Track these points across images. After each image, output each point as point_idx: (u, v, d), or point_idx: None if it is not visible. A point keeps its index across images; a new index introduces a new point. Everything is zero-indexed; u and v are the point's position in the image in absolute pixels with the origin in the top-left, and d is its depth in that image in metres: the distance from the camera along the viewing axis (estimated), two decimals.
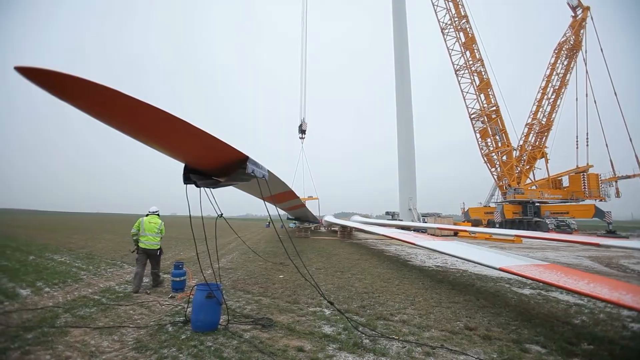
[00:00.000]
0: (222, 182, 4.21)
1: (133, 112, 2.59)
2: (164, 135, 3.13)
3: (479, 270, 9.16)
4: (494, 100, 34.41)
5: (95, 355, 3.46)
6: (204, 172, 4.10)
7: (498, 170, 35.67)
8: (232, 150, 3.56)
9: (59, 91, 2.21)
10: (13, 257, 10.24)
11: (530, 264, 5.57)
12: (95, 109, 2.59)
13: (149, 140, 3.31)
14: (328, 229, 29.80)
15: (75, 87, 2.17)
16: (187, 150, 3.63)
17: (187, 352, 3.58)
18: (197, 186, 4.15)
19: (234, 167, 3.93)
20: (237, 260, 10.59)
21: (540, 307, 5.57)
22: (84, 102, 2.45)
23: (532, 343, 3.96)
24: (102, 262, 9.68)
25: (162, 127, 2.92)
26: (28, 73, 1.88)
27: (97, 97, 2.36)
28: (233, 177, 4.04)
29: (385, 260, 11.45)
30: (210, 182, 4.17)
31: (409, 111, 35.31)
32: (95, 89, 2.21)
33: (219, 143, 3.25)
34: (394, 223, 26.98)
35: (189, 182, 4.03)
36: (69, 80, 2.06)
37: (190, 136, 3.06)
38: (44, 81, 2.03)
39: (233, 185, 4.67)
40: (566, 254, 14.11)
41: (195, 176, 3.99)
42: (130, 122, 2.83)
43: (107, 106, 2.53)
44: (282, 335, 4.11)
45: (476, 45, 34.23)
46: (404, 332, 4.29)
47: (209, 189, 4.41)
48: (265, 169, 4.35)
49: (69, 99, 2.34)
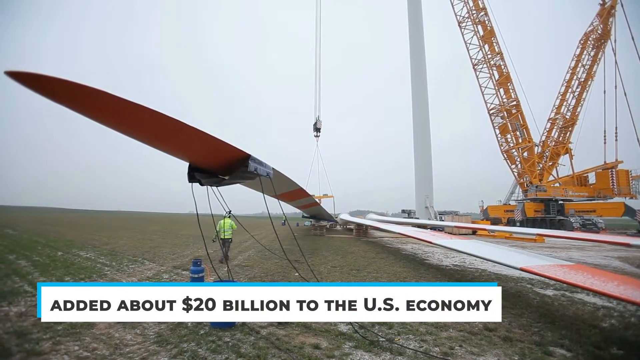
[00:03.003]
0: (226, 180, 4.26)
1: (133, 115, 2.62)
2: (166, 137, 3.18)
3: (499, 269, 8.91)
4: (514, 94, 33.17)
5: (120, 348, 3.60)
6: (208, 170, 4.15)
7: (519, 167, 34.46)
8: (234, 150, 3.59)
9: (55, 96, 2.20)
10: (43, 252, 10.78)
11: (553, 264, 5.36)
12: (97, 114, 2.61)
13: (152, 142, 3.37)
14: (343, 227, 29.76)
15: (75, 93, 2.17)
16: (190, 151, 3.68)
17: (205, 347, 3.66)
18: (201, 184, 4.21)
19: (236, 165, 3.97)
20: (253, 257, 10.73)
21: (564, 309, 5.36)
22: (86, 108, 2.47)
23: (556, 346, 3.82)
24: (124, 259, 10.03)
25: (164, 129, 2.94)
26: (19, 77, 1.89)
27: (100, 104, 2.36)
28: (236, 175, 4.09)
29: (401, 258, 11.32)
30: (214, 180, 4.23)
31: (425, 111, 34.72)
32: (99, 96, 2.21)
33: (220, 143, 3.29)
34: (410, 221, 26.64)
35: (193, 181, 4.10)
36: (65, 86, 2.06)
37: (192, 137, 3.10)
38: (38, 86, 2.04)
39: (240, 183, 4.71)
40: (593, 254, 13.50)
41: (199, 175, 4.05)
42: (130, 124, 2.87)
43: (109, 112, 2.55)
44: (298, 332, 4.14)
45: (495, 38, 33.08)
46: (421, 331, 4.23)
47: (216, 188, 4.46)
48: (270, 167, 4.37)
49: (69, 104, 2.34)
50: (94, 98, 2.28)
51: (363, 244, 16.10)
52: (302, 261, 8.27)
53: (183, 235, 20.29)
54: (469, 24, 33.54)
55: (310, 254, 11.91)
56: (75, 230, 22.88)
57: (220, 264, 8.78)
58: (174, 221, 44.84)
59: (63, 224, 29.92)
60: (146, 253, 11.44)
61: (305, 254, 11.63)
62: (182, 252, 11.92)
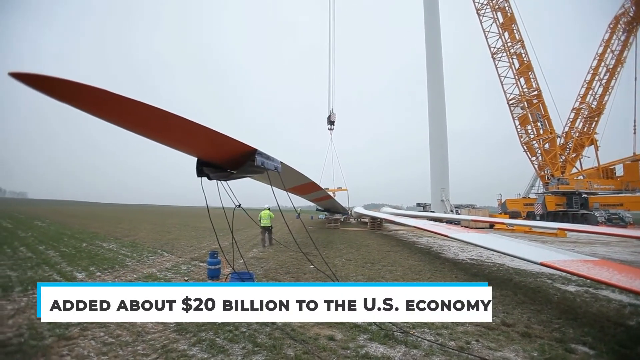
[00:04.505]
0: (234, 175, 4.31)
1: (142, 115, 2.66)
2: (173, 134, 3.24)
3: (517, 264, 8.69)
4: (536, 83, 31.81)
5: (142, 335, 3.75)
6: (216, 165, 4.21)
7: (539, 159, 33.23)
8: (240, 145, 3.63)
9: (62, 96, 2.23)
10: (69, 243, 11.30)
11: (576, 259, 5.17)
12: (102, 113, 2.66)
13: (161, 139, 3.44)
14: (358, 220, 29.70)
15: (82, 94, 2.19)
16: (196, 147, 3.75)
17: (223, 336, 3.77)
18: (209, 179, 4.29)
19: (244, 160, 4.01)
20: (268, 250, 10.88)
21: (587, 306, 5.18)
22: (92, 107, 2.52)
23: (578, 343, 3.70)
24: (144, 250, 10.38)
25: (171, 127, 2.99)
26: (23, 78, 1.90)
27: (112, 106, 2.40)
28: (243, 169, 4.14)
29: (416, 252, 11.22)
30: (222, 174, 4.29)
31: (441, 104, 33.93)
32: (109, 97, 2.24)
33: (226, 139, 3.33)
34: (425, 215, 26.29)
35: (202, 175, 4.18)
36: (70, 86, 2.07)
37: (198, 134, 3.15)
38: (42, 87, 2.05)
39: (250, 177, 4.76)
40: (619, 249, 12.94)
41: (208, 169, 4.12)
42: (138, 123, 2.94)
43: (116, 111, 2.60)
44: (312, 324, 4.19)
45: (516, 25, 31.70)
46: (437, 325, 4.19)
47: (225, 182, 4.53)
48: (278, 162, 4.39)
49: (76, 104, 2.38)
50: (104, 99, 2.32)
51: (377, 237, 16.03)
52: (316, 254, 8.31)
53: (199, 228, 20.79)
54: (487, 12, 32.29)
55: (325, 247, 11.96)
56: (99, 222, 23.83)
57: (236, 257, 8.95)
58: (192, 214, 45.98)
59: (87, 217, 31.21)
60: (165, 245, 11.80)
61: (320, 247, 11.70)
62: (199, 245, 12.22)
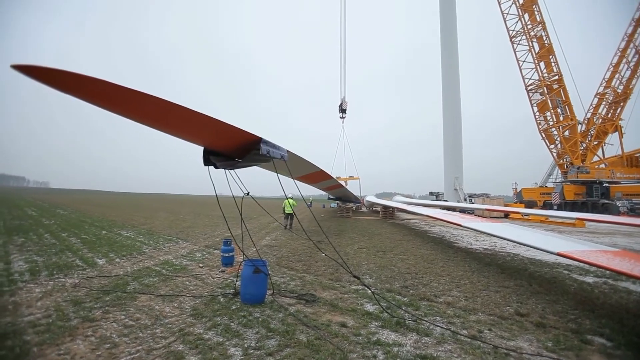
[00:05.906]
0: (240, 163, 4.35)
1: (143, 105, 2.68)
2: (180, 124, 3.28)
3: (533, 254, 8.54)
4: (557, 68, 30.44)
5: (160, 319, 3.90)
6: (222, 154, 4.26)
7: (558, 147, 32.08)
8: (245, 134, 3.65)
9: (66, 88, 2.25)
10: (90, 231, 11.73)
11: (595, 249, 5.03)
12: (107, 104, 2.69)
13: (165, 129, 3.50)
14: (370, 209, 29.65)
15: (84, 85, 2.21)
16: (203, 136, 3.80)
17: (237, 321, 3.87)
18: (216, 167, 4.34)
19: (249, 148, 4.04)
20: (280, 238, 11.03)
21: (606, 297, 5.06)
22: (97, 98, 2.54)
23: (595, 334, 3.64)
24: (160, 238, 10.69)
25: (178, 117, 3.04)
26: (25, 70, 1.92)
27: (112, 95, 2.41)
28: (249, 158, 4.17)
29: (429, 241, 11.15)
30: (229, 163, 4.33)
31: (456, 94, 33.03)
32: (111, 88, 2.25)
33: (231, 128, 3.35)
34: (438, 204, 25.99)
35: (209, 164, 4.23)
36: (73, 78, 2.08)
37: (204, 124, 3.19)
38: (46, 79, 2.06)
39: (257, 165, 4.80)
40: None
41: (214, 158, 4.17)
42: (141, 114, 2.97)
43: (120, 102, 2.62)
44: (325, 310, 4.25)
45: (537, 6, 30.23)
46: (449, 314, 4.19)
47: (233, 171, 4.58)
48: (284, 150, 4.39)
49: (80, 95, 2.40)
50: (107, 91, 2.34)
51: (389, 226, 16.00)
52: (327, 242, 8.37)
53: (213, 216, 21.20)
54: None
55: (337, 236, 12.03)
56: (117, 211, 24.60)
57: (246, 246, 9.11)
58: (202, 203, 46.85)
59: (106, 205, 32.26)
60: (180, 233, 12.11)
61: (332, 236, 11.79)
62: (213, 233, 12.49)
